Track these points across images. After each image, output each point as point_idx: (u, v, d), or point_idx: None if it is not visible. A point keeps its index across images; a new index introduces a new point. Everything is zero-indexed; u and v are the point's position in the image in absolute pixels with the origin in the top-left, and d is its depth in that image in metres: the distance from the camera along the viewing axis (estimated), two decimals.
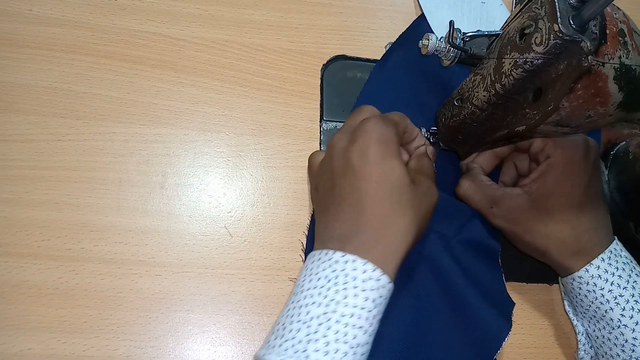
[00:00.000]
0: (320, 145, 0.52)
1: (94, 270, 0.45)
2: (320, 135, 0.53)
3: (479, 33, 0.42)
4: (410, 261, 0.44)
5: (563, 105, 0.37)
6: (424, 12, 0.58)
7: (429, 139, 0.51)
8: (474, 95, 0.42)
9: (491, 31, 0.41)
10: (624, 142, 0.57)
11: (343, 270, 0.36)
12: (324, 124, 0.53)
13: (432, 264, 0.47)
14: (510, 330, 0.45)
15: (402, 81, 0.54)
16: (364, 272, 0.36)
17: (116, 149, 0.49)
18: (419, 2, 0.58)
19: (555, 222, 0.45)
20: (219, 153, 0.50)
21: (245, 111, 0.52)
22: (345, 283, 0.36)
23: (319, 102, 0.54)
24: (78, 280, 0.44)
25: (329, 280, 0.36)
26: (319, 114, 0.53)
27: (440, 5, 0.58)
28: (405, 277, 0.45)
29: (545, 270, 0.50)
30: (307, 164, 0.50)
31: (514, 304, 0.48)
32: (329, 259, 0.37)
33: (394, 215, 0.39)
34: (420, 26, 0.57)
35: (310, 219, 0.49)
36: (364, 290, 0.36)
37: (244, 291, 0.46)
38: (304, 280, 0.38)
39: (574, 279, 0.45)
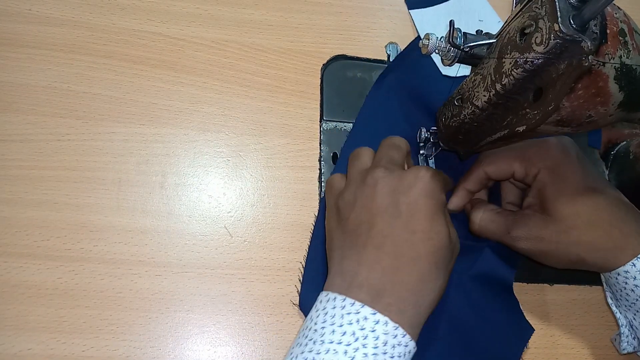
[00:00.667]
0: (320, 145, 0.52)
1: (93, 271, 0.45)
2: (320, 135, 0.53)
3: (480, 41, 0.41)
4: None
5: (564, 105, 0.37)
6: (419, 33, 0.57)
7: (429, 139, 0.51)
8: (474, 95, 0.42)
9: (491, 41, 0.41)
10: (625, 142, 0.57)
11: (373, 331, 0.34)
12: (324, 124, 0.53)
13: (444, 303, 0.45)
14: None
15: (397, 105, 0.54)
16: (395, 337, 0.34)
17: (116, 149, 0.48)
18: (414, 23, 0.58)
19: (576, 228, 0.43)
20: (219, 153, 0.50)
21: (245, 111, 0.52)
22: (376, 347, 0.34)
23: (319, 102, 0.54)
24: (77, 280, 0.44)
25: (356, 340, 0.34)
26: (319, 114, 0.53)
27: (436, 24, 0.58)
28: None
29: (546, 270, 0.50)
30: (307, 164, 0.50)
31: (533, 330, 0.47)
32: (357, 312, 0.35)
33: (429, 277, 0.37)
34: (415, 50, 0.56)
35: (310, 241, 0.48)
36: (392, 357, 0.34)
37: (244, 291, 0.46)
38: (324, 328, 0.35)
39: (619, 274, 0.43)
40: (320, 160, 0.52)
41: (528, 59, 0.36)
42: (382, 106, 0.53)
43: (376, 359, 0.34)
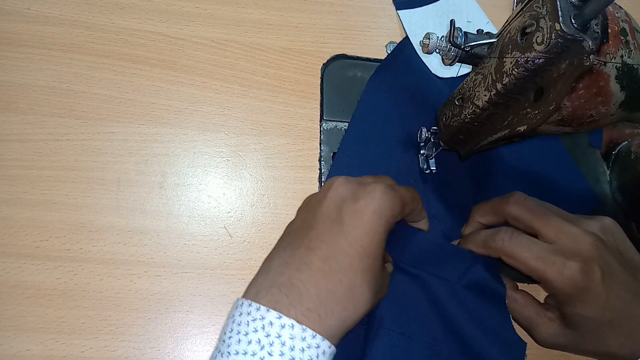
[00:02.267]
0: (320, 144, 0.52)
1: (92, 271, 0.44)
2: (320, 135, 0.52)
3: (481, 40, 0.41)
4: (421, 308, 0.44)
5: (565, 105, 0.37)
6: (408, 34, 0.57)
7: (429, 139, 0.51)
8: (474, 95, 0.42)
9: (492, 40, 0.41)
10: (626, 142, 0.57)
11: (279, 337, 0.32)
12: (324, 124, 0.53)
13: (439, 311, 0.45)
14: None
15: (390, 106, 0.53)
16: (303, 339, 0.32)
17: (115, 149, 0.48)
18: (402, 24, 0.58)
19: (594, 341, 0.42)
20: (219, 153, 0.50)
21: (245, 111, 0.52)
22: (282, 355, 0.32)
23: (318, 102, 0.54)
24: (76, 280, 0.44)
25: (262, 348, 0.32)
26: (319, 114, 0.53)
27: (424, 26, 0.58)
28: (420, 327, 0.43)
29: None
30: (307, 164, 0.50)
31: (526, 344, 0.46)
32: (262, 318, 0.33)
33: (359, 291, 0.35)
34: (404, 50, 0.56)
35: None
36: None
37: (244, 292, 0.46)
38: (230, 338, 0.33)
39: None
40: (320, 160, 0.51)
41: (529, 59, 0.36)
42: (377, 106, 0.53)
43: None
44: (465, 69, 0.54)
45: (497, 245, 0.44)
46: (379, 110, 0.53)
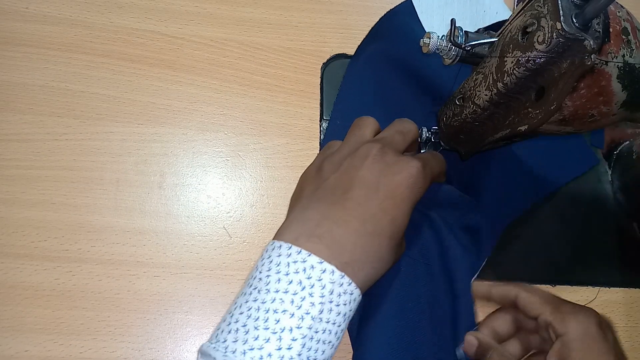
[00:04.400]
0: (320, 144, 0.52)
1: (91, 272, 0.44)
2: (320, 134, 0.52)
3: (482, 39, 0.41)
4: (425, 238, 0.46)
5: (566, 105, 0.37)
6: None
7: (430, 139, 0.50)
8: (475, 94, 0.42)
9: (493, 39, 0.41)
10: (628, 142, 0.57)
11: (320, 280, 0.34)
12: (324, 124, 0.53)
13: (440, 242, 0.47)
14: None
15: (381, 75, 0.53)
16: (341, 285, 0.35)
17: (114, 149, 0.48)
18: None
19: None
20: (218, 153, 0.50)
21: (245, 110, 0.52)
22: (322, 297, 0.34)
23: (318, 102, 0.53)
24: (75, 281, 0.44)
25: (303, 289, 0.34)
26: (319, 114, 0.53)
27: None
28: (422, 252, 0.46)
29: (549, 271, 0.49)
30: (307, 164, 0.49)
31: None
32: (303, 261, 0.35)
33: (386, 253, 0.38)
34: (395, 19, 0.55)
35: None
36: (337, 305, 0.34)
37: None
38: (269, 277, 0.35)
39: None
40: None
41: (530, 58, 0.36)
42: (365, 78, 0.53)
43: (322, 307, 0.34)
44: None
45: None
46: (368, 81, 0.53)
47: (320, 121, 0.53)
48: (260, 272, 0.35)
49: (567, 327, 0.40)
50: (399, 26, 0.55)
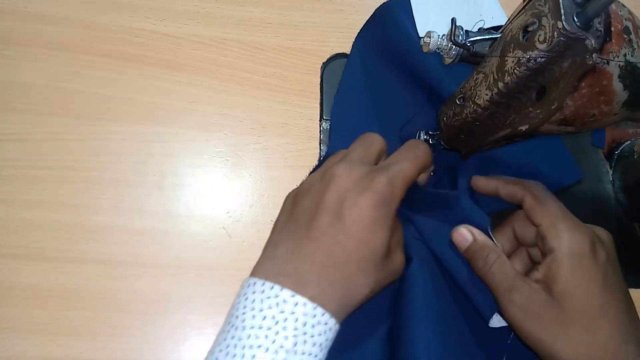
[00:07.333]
0: (320, 144, 0.52)
1: (90, 272, 0.44)
2: (320, 134, 0.52)
3: (483, 36, 0.41)
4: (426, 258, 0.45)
5: (567, 104, 0.36)
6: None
7: (427, 141, 0.50)
8: (476, 94, 0.42)
9: (494, 35, 0.41)
10: (629, 142, 0.57)
11: (292, 313, 0.34)
12: (324, 123, 0.52)
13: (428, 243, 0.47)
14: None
15: (376, 71, 0.53)
16: (314, 316, 0.35)
17: (113, 149, 0.48)
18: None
19: (575, 326, 0.39)
20: (218, 153, 0.50)
21: (244, 110, 0.52)
22: (296, 330, 0.34)
23: (318, 101, 0.53)
24: (74, 281, 0.44)
25: (276, 323, 0.34)
26: (318, 113, 0.53)
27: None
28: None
29: None
30: (307, 164, 0.49)
31: None
32: (276, 296, 0.35)
33: (357, 281, 0.38)
34: (389, 14, 0.55)
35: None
36: (312, 337, 0.35)
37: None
38: (244, 314, 0.35)
39: None
40: (320, 160, 0.51)
41: (531, 57, 0.36)
42: (360, 74, 0.53)
43: (296, 340, 0.34)
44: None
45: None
46: (366, 80, 0.53)
47: (320, 121, 0.52)
48: (237, 310, 0.36)
49: (560, 244, 0.40)
50: (393, 22, 0.54)
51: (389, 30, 0.54)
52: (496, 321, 0.43)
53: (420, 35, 0.54)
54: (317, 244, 0.37)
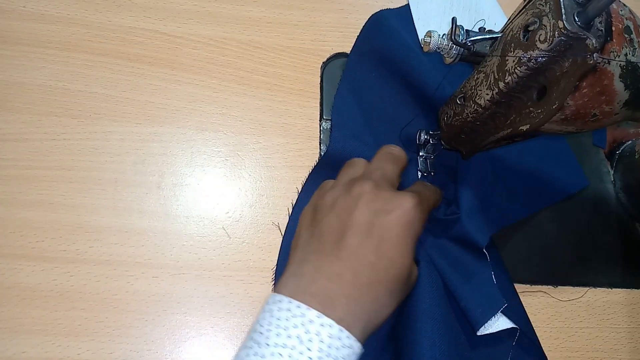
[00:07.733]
0: (319, 144, 0.51)
1: (89, 272, 0.44)
2: (320, 134, 0.52)
3: (483, 36, 0.41)
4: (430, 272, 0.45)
5: (568, 104, 0.36)
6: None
7: (428, 140, 0.50)
8: (477, 94, 0.41)
9: (495, 35, 0.40)
10: (630, 142, 0.56)
11: (318, 334, 0.34)
12: (323, 123, 0.52)
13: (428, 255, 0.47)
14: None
15: (374, 76, 0.53)
16: (339, 339, 0.35)
17: (112, 148, 0.48)
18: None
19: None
20: (217, 152, 0.50)
21: (244, 110, 0.51)
22: (320, 351, 0.34)
23: (318, 101, 0.53)
24: (73, 282, 0.43)
25: (301, 343, 0.34)
26: (318, 113, 0.53)
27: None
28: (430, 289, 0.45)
29: (550, 271, 0.49)
30: (306, 163, 0.49)
31: (504, 303, 0.45)
32: (302, 315, 0.35)
33: (383, 301, 0.38)
34: (382, 24, 0.55)
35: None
36: (336, 359, 0.34)
37: (242, 293, 0.45)
38: (269, 331, 0.35)
39: None
40: (320, 160, 0.51)
41: (532, 57, 0.35)
42: (357, 81, 0.53)
43: None
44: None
45: None
46: (363, 89, 0.53)
47: (320, 120, 0.52)
48: (262, 326, 0.36)
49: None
50: (388, 30, 0.54)
51: (387, 34, 0.54)
52: (484, 329, 0.44)
53: (421, 35, 0.54)
54: (346, 263, 0.37)
